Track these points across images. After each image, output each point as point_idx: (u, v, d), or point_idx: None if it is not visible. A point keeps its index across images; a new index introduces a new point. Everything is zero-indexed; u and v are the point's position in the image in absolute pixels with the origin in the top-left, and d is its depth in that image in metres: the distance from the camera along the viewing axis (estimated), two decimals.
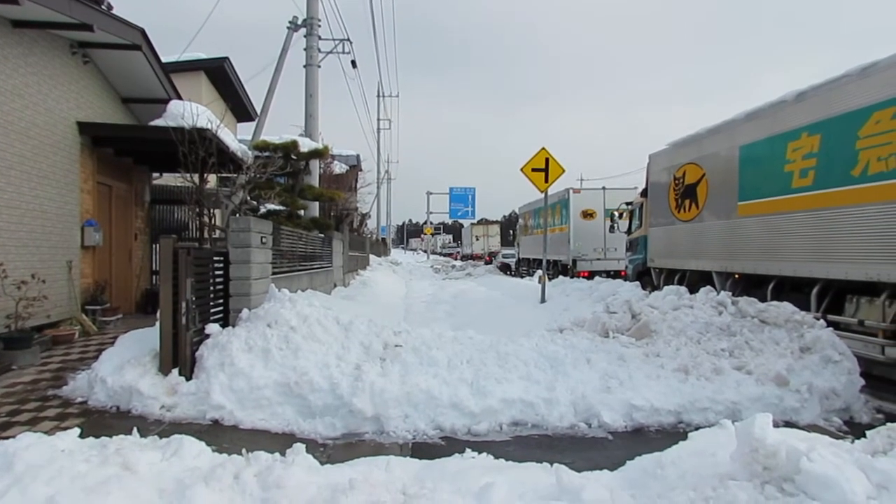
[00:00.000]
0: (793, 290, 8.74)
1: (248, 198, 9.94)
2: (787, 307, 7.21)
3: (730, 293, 8.23)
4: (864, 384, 6.27)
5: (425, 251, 63.86)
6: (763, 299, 8.02)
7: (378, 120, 44.50)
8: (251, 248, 7.03)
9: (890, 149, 7.02)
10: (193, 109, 9.00)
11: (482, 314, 11.98)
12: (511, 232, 41.65)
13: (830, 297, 8.21)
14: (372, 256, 27.66)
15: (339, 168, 22.46)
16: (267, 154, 11.29)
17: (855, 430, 5.30)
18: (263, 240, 7.55)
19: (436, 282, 22.70)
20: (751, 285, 9.67)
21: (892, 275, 7.00)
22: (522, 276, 26.75)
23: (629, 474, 3.37)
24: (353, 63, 18.28)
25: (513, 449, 4.92)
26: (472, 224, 59.26)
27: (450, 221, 74.64)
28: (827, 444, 2.98)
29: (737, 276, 10.21)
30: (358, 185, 28.92)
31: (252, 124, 16.45)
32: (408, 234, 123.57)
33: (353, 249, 18.81)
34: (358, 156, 30.47)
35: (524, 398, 5.64)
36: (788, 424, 5.27)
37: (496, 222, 65.58)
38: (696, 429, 4.60)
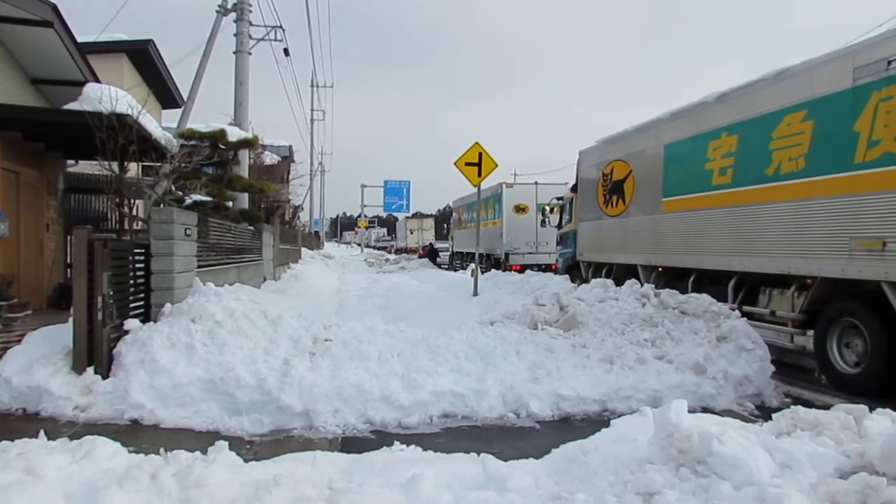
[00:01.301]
0: (712, 282, 9.14)
1: (173, 188, 9.58)
2: (705, 299, 7.54)
3: (653, 286, 8.54)
4: (775, 370, 6.65)
5: (359, 245, 63.33)
6: (684, 291, 8.37)
7: (312, 111, 43.75)
8: (174, 240, 6.78)
9: (800, 149, 7.43)
10: (112, 93, 8.57)
11: (415, 308, 12.00)
12: (445, 226, 41.84)
13: (746, 290, 8.65)
14: (304, 250, 27.22)
15: (270, 159, 21.95)
16: (193, 143, 10.91)
17: (765, 413, 5.60)
18: (188, 232, 7.29)
19: (369, 275, 22.58)
20: (673, 278, 10.05)
21: (801, 268, 7.42)
22: (456, 270, 26.92)
23: (554, 461, 3.45)
24: (286, 51, 17.85)
25: (443, 441, 4.95)
26: (407, 217, 59.17)
27: (384, 215, 74.37)
28: (737, 427, 3.14)
29: (660, 269, 10.60)
30: (290, 177, 28.36)
31: (178, 111, 15.83)
32: (342, 227, 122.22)
33: (284, 242, 18.45)
34: (290, 147, 29.84)
35: (455, 390, 5.68)
36: (706, 410, 5.52)
37: (431, 216, 65.73)
38: (620, 416, 4.74)
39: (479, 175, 13.36)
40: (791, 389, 6.70)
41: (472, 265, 14.60)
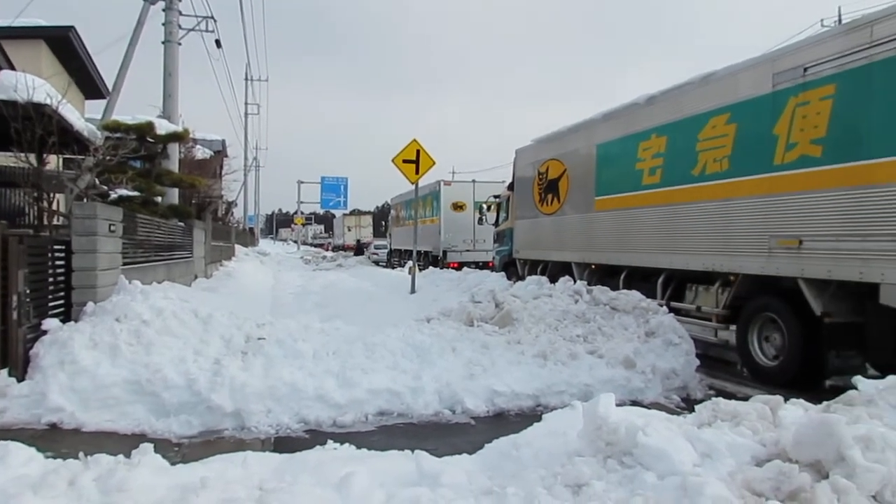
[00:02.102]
0: (642, 279, 9.43)
1: (97, 182, 9.16)
2: (635, 295, 7.78)
3: (586, 283, 8.74)
4: (700, 364, 6.94)
5: (296, 242, 62.24)
6: (616, 288, 8.61)
7: (246, 104, 42.62)
8: (98, 236, 6.49)
9: (724, 151, 7.74)
10: (29, 81, 8.10)
11: (352, 305, 11.89)
12: (384, 223, 41.63)
13: (674, 286, 8.97)
14: (238, 247, 26.56)
15: (201, 153, 21.25)
16: (119, 135, 10.44)
17: (691, 405, 5.80)
18: (112, 227, 6.99)
19: (305, 273, 22.23)
20: (606, 275, 10.31)
21: (724, 265, 7.74)
22: (394, 267, 26.84)
23: (487, 457, 3.49)
24: (218, 43, 17.35)
25: (378, 438, 4.94)
26: (345, 214, 58.60)
27: (322, 211, 73.35)
28: (663, 419, 3.25)
29: (593, 266, 10.85)
30: (223, 172, 27.56)
31: (103, 102, 15.15)
32: (277, 224, 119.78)
33: (216, 239, 17.94)
34: (223, 141, 29.02)
35: (391, 388, 5.67)
36: (635, 403, 5.70)
37: (369, 213, 65.28)
38: (553, 411, 4.84)
39: (417, 172, 13.35)
40: (715, 382, 6.99)
41: (410, 263, 14.59)
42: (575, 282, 8.65)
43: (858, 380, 3.96)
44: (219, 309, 6.80)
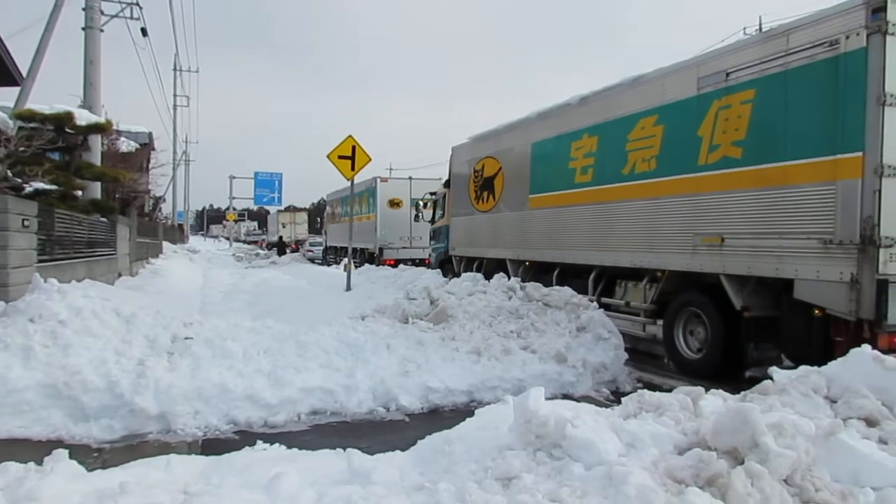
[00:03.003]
0: (575, 276, 9.64)
1: (9, 174, 8.66)
2: (566, 291, 7.95)
3: (520, 279, 8.87)
4: (629, 358, 7.16)
5: (228, 239, 60.56)
6: (550, 284, 8.77)
7: (175, 96, 41.02)
8: (9, 231, 6.14)
9: (652, 151, 8.00)
10: None
11: (285, 303, 11.67)
12: (319, 219, 41.09)
13: (604, 282, 9.21)
14: (166, 244, 25.64)
15: (126, 146, 20.36)
16: (34, 125, 9.90)
17: (619, 398, 5.96)
18: (26, 223, 6.62)
19: (237, 270, 21.66)
20: (540, 272, 10.48)
21: (652, 262, 8.01)
22: (330, 265, 26.52)
23: (420, 453, 3.48)
24: (144, 31, 16.72)
25: (310, 438, 4.87)
26: (279, 211, 57.41)
27: (255, 208, 71.60)
28: (591, 411, 3.33)
29: (528, 263, 11.01)
30: (150, 166, 26.51)
31: (16, 90, 14.29)
32: (209, 220, 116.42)
33: (143, 236, 17.25)
34: (150, 133, 27.83)
35: (324, 386, 5.61)
36: (566, 397, 5.82)
37: (304, 209, 64.18)
38: (487, 406, 4.88)
39: (353, 169, 13.21)
40: (643, 375, 7.22)
41: (346, 260, 14.44)
42: (509, 278, 8.75)
43: (774, 370, 4.16)
44: (144, 308, 6.54)
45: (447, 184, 14.77)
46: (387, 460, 3.38)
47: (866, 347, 3.90)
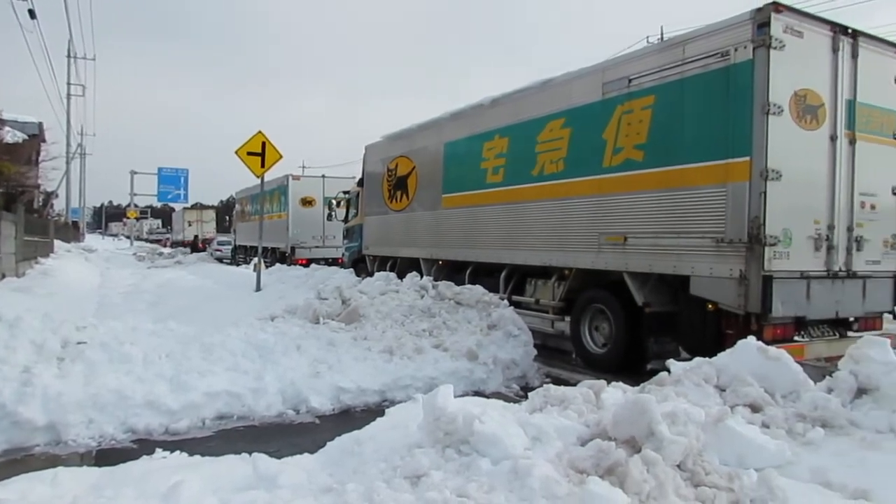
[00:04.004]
0: (487, 274, 9.79)
1: None
2: (478, 289, 8.06)
3: (432, 278, 8.92)
4: (538, 354, 7.35)
5: (129, 237, 57.47)
6: (463, 283, 8.88)
7: (69, 84, 38.39)
8: None
9: (560, 153, 8.24)
10: None
11: (191, 305, 11.21)
12: (228, 218, 39.75)
13: (515, 280, 9.41)
14: (59, 242, 24.02)
15: (12, 137, 18.90)
16: None
17: (528, 393, 6.14)
18: None
19: (139, 270, 20.60)
20: (453, 270, 10.57)
21: (560, 260, 8.25)
22: (239, 264, 25.71)
23: (329, 454, 3.43)
24: (32, 13, 15.57)
25: (216, 444, 4.70)
26: (185, 208, 55.06)
27: (159, 205, 68.41)
28: (499, 407, 3.40)
29: (441, 262, 11.09)
30: (40, 159, 24.75)
31: None
32: (107, 217, 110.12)
33: (31, 234, 16.08)
34: (40, 124, 25.93)
35: (230, 390, 5.42)
36: (477, 393, 5.91)
37: (212, 207, 61.94)
38: (398, 405, 4.88)
39: (263, 166, 12.86)
40: (551, 370, 7.42)
41: (256, 259, 14.03)
42: (422, 277, 8.78)
43: (671, 363, 4.39)
44: (31, 311, 6.11)
45: (361, 182, 14.64)
46: (294, 463, 3.31)
47: (752, 339, 4.18)
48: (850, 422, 3.47)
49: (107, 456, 4.38)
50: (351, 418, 5.38)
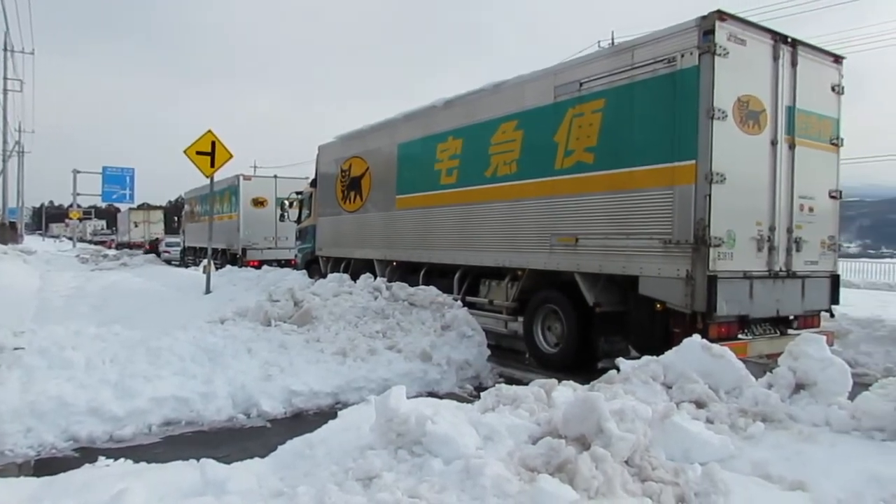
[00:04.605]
0: (441, 275, 9.81)
1: None
2: (432, 290, 8.07)
3: (386, 279, 8.89)
4: (492, 354, 7.39)
5: (71, 239, 55.43)
6: (417, 284, 8.86)
7: (4, 79, 36.83)
8: None
9: (513, 155, 8.32)
10: None
11: (137, 308, 10.88)
12: (176, 218, 38.78)
13: (469, 281, 9.45)
14: None
15: None
16: None
17: (481, 393, 6.18)
18: None
19: (82, 273, 19.89)
20: (407, 272, 10.56)
21: (513, 261, 8.33)
22: (188, 266, 25.11)
23: (280, 458, 3.38)
24: None
25: (163, 450, 4.59)
26: (131, 209, 53.44)
27: (104, 205, 66.20)
28: (451, 407, 3.41)
29: (395, 263, 11.06)
30: None
31: None
32: (48, 218, 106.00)
33: None
34: None
35: (178, 395, 5.31)
36: (431, 394, 5.92)
37: (160, 208, 60.29)
38: (351, 407, 4.84)
39: (213, 165, 12.57)
40: (505, 370, 7.47)
41: (206, 261, 13.72)
42: (376, 279, 8.74)
43: (620, 361, 4.48)
44: None
45: (314, 183, 14.49)
46: (244, 468, 3.25)
47: (697, 337, 4.30)
48: (789, 416, 3.61)
49: (47, 465, 4.23)
50: (303, 421, 5.32)
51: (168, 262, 29.24)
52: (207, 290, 12.59)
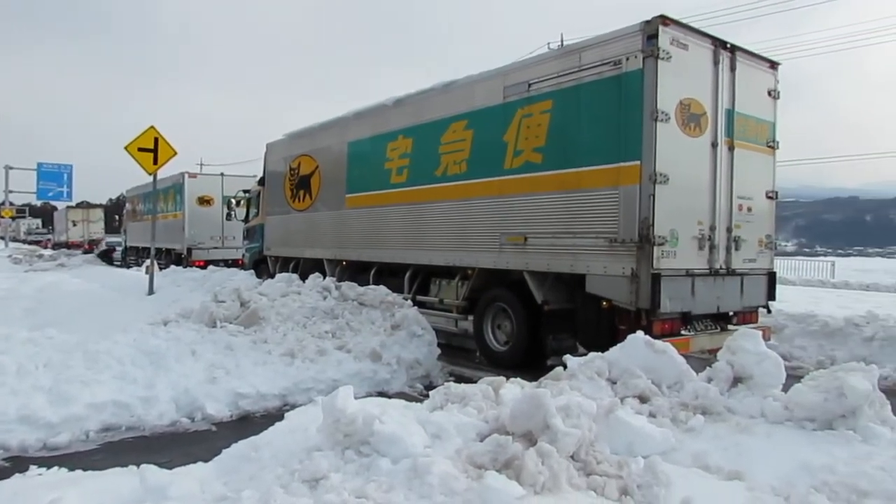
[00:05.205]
0: (391, 274, 9.78)
1: None
2: (381, 290, 8.04)
3: (336, 279, 8.80)
4: (442, 353, 7.41)
5: (3, 238, 53.01)
6: (367, 284, 8.80)
7: None
8: None
9: (462, 154, 8.35)
10: None
11: (75, 310, 10.47)
12: (118, 217, 37.50)
13: (420, 280, 9.45)
14: None
15: None
16: None
17: (430, 392, 6.19)
18: None
19: (16, 274, 19.02)
20: (357, 271, 10.48)
21: (463, 260, 8.36)
22: (130, 266, 24.34)
23: (224, 462, 3.31)
24: None
25: (101, 457, 4.43)
26: (69, 207, 51.40)
27: (39, 203, 63.53)
28: (399, 406, 3.40)
29: (345, 263, 10.96)
30: None
31: None
32: None
33: None
34: None
35: (118, 399, 5.15)
36: (381, 394, 5.89)
37: (100, 206, 58.22)
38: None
39: (156, 163, 12.20)
40: (455, 369, 7.50)
41: (148, 261, 13.32)
42: (325, 278, 8.65)
43: (567, 358, 4.55)
44: None
45: (262, 181, 14.23)
46: (186, 473, 3.16)
47: (640, 334, 4.40)
48: (727, 408, 3.73)
49: None
50: (250, 424, 5.22)
51: (109, 262, 28.33)
52: (150, 292, 12.23)
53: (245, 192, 16.32)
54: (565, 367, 4.36)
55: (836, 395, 3.38)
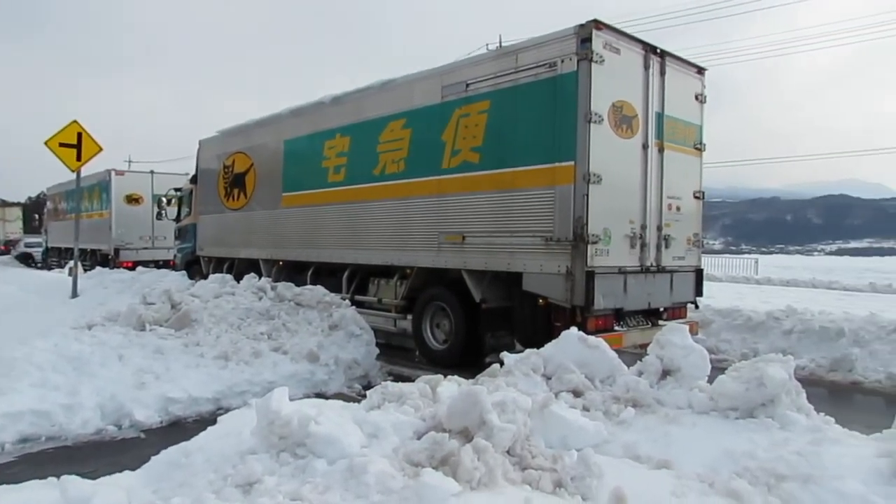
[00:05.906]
0: (329, 274, 9.67)
1: None
2: (318, 290, 7.93)
3: (271, 279, 8.63)
4: (381, 353, 7.37)
5: None
6: (304, 283, 8.67)
7: None
8: None
9: (401, 153, 8.34)
10: None
11: None
12: (38, 216, 35.66)
13: (358, 280, 9.38)
14: None
15: None
16: None
17: (368, 392, 6.15)
18: None
19: None
20: (294, 271, 10.31)
21: (401, 259, 8.35)
22: (51, 268, 23.20)
23: (153, 469, 3.20)
24: None
25: (18, 469, 4.20)
26: None
27: None
28: (336, 407, 3.37)
29: (281, 263, 10.77)
30: None
31: None
32: None
33: None
34: None
35: (37, 408, 4.89)
36: (319, 395, 5.82)
37: (18, 204, 55.24)
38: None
39: (79, 159, 11.67)
40: (394, 368, 7.48)
41: (72, 262, 12.73)
42: (261, 279, 8.47)
43: (504, 355, 4.61)
44: None
45: (194, 179, 13.81)
46: (112, 483, 3.03)
47: (574, 330, 4.50)
48: (657, 400, 3.86)
49: None
50: (181, 430, 5.06)
51: (28, 263, 26.95)
52: (74, 294, 11.70)
53: (177, 190, 15.81)
54: (502, 364, 4.42)
55: (757, 384, 3.54)
